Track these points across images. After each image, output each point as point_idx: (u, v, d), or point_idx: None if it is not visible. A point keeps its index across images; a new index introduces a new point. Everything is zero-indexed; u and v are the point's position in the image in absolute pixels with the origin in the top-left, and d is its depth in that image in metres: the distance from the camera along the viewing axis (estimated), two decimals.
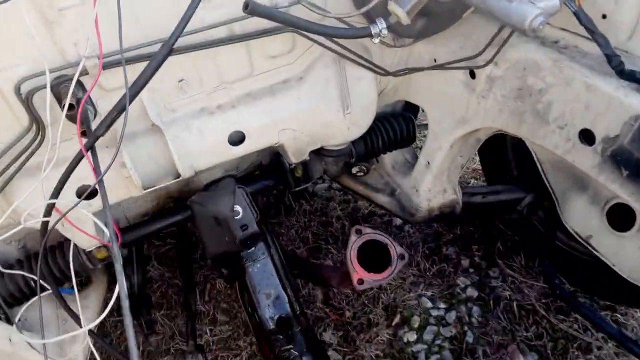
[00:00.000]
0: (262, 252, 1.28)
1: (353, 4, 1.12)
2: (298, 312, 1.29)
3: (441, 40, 1.22)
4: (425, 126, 1.61)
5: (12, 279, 1.15)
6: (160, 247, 2.08)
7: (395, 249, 1.25)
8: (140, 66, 0.90)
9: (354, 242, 1.24)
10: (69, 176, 0.92)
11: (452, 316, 1.77)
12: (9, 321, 1.20)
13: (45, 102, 0.96)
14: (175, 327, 1.81)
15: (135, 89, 0.89)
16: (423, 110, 1.47)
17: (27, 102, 0.93)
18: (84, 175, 1.06)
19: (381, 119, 1.44)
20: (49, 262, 1.14)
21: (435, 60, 1.28)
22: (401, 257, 1.25)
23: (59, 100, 0.96)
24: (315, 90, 1.20)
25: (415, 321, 1.75)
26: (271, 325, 1.22)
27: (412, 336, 1.71)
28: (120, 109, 0.89)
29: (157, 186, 1.11)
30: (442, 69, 1.24)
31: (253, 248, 1.17)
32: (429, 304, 1.80)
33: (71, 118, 0.98)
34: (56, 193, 0.94)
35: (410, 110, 1.58)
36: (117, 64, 0.97)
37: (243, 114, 1.17)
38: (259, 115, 1.18)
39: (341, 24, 1.08)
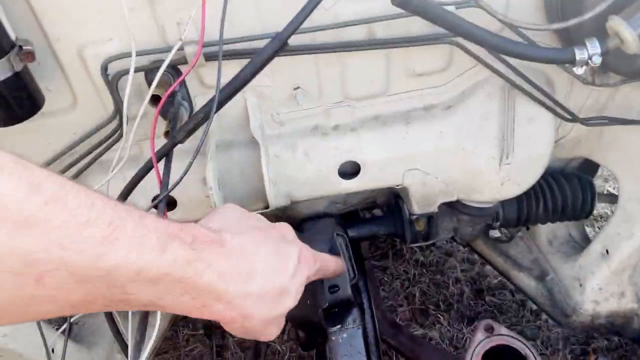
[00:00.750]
0: (354, 319, 0.99)
1: (545, 14, 0.80)
2: None
3: None
4: (608, 197, 1.19)
5: None
6: None
7: None
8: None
9: (480, 343, 0.89)
10: (137, 183, 0.73)
11: None
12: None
13: (136, 87, 0.80)
14: None
15: (230, 89, 0.68)
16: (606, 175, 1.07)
17: (112, 85, 0.78)
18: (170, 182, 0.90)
19: (547, 178, 1.07)
20: None
21: None
22: None
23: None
24: (466, 126, 0.89)
25: None
26: None
27: None
28: (206, 112, 0.68)
29: None
30: None
31: (342, 324, 0.89)
32: None
33: (162, 113, 0.81)
34: (122, 198, 0.76)
35: (586, 170, 1.18)
36: (225, 55, 0.78)
37: (364, 141, 0.90)
38: (384, 146, 0.91)
39: (517, 37, 0.76)
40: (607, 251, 1.00)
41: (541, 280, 1.16)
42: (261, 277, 0.49)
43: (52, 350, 0.94)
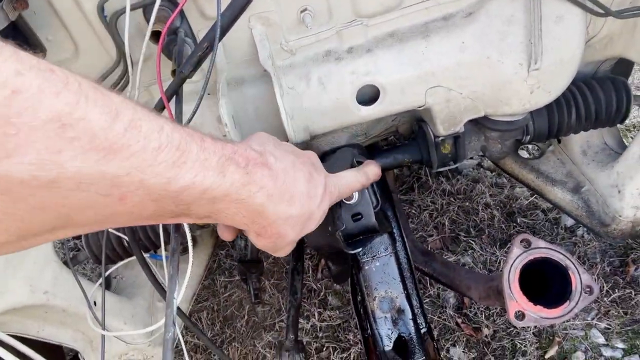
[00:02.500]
0: (385, 247, 0.99)
1: None
2: (424, 331, 0.98)
3: None
4: None
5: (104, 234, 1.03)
6: None
7: (579, 277, 0.85)
8: None
9: (517, 258, 0.87)
10: None
11: None
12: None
13: (136, 27, 0.77)
14: (283, 301, 1.64)
15: (232, 12, 0.63)
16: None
17: (111, 26, 0.74)
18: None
19: (577, 83, 1.01)
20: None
21: None
22: (587, 290, 0.85)
23: None
24: (489, 34, 0.83)
25: (578, 359, 1.32)
26: (387, 345, 0.93)
27: None
28: (210, 40, 0.65)
29: None
30: None
31: (363, 248, 0.86)
32: (601, 340, 1.35)
33: (167, 52, 0.78)
34: None
35: (618, 73, 1.10)
36: None
37: (381, 62, 0.85)
38: (403, 65, 0.85)
39: None
40: None
41: (576, 192, 1.12)
42: (299, 201, 0.52)
43: (94, 303, 0.96)
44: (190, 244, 0.58)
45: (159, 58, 0.67)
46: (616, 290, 1.41)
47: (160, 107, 0.68)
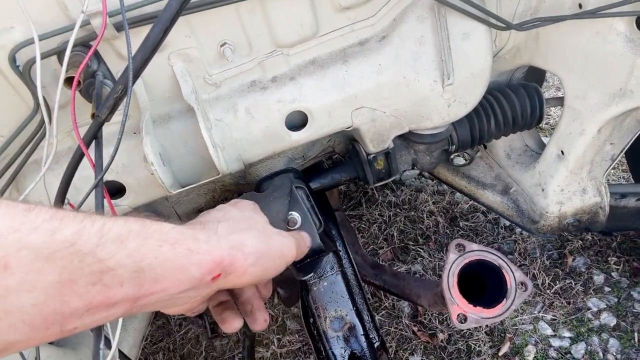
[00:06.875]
0: (331, 266, 1.00)
1: None
2: (377, 345, 1.00)
3: None
4: (556, 101, 1.20)
5: None
6: None
7: (512, 275, 0.90)
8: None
9: (454, 263, 0.91)
10: (71, 175, 0.70)
11: (580, 349, 1.37)
12: None
13: (52, 74, 0.76)
14: (241, 333, 1.62)
15: (143, 54, 0.64)
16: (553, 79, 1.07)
17: (25, 75, 0.73)
18: (113, 168, 0.87)
19: (494, 93, 1.07)
20: None
21: (580, 6, 0.88)
22: (521, 286, 0.90)
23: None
24: (403, 55, 0.88)
25: (530, 353, 1.37)
26: None
27: None
28: (124, 84, 0.65)
29: (194, 185, 0.87)
30: (593, 17, 0.85)
31: (314, 271, 0.88)
32: (549, 331, 1.41)
33: (87, 96, 0.78)
34: (60, 195, 0.72)
35: (533, 79, 1.18)
36: (134, 20, 0.73)
37: (305, 88, 0.88)
38: (326, 90, 0.89)
39: None
40: (562, 152, 1.02)
41: (505, 194, 1.18)
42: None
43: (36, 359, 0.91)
44: None
45: (73, 103, 0.66)
46: (557, 282, 1.49)
47: (80, 154, 0.67)
